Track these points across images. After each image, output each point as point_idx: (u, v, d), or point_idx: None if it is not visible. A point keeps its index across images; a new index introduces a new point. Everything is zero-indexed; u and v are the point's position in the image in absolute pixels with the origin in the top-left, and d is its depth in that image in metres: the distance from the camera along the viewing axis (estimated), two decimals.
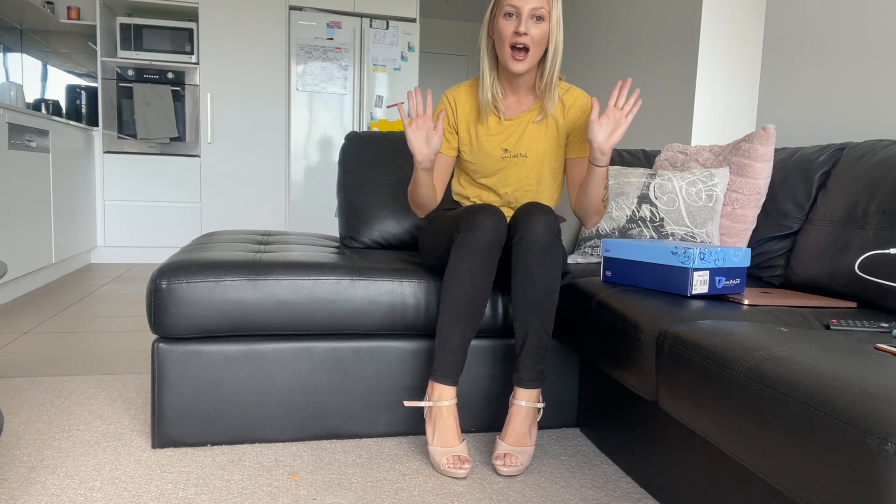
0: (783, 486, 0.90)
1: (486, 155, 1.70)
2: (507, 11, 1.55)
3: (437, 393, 1.52)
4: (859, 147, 1.70)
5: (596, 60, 4.44)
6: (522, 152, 1.69)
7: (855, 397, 0.82)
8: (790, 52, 2.31)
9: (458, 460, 1.48)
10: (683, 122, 3.47)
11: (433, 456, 1.51)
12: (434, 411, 1.52)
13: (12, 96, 4.30)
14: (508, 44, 1.56)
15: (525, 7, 1.53)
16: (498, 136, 1.69)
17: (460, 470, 1.46)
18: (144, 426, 1.70)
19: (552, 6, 1.56)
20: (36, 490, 1.35)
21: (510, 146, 1.69)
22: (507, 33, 1.55)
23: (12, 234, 3.14)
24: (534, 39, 1.55)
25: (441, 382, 1.51)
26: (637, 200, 1.91)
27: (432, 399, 1.53)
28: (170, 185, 4.62)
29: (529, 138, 1.68)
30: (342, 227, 2.13)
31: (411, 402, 1.54)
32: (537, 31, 1.55)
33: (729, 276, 1.49)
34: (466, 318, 1.50)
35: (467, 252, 1.48)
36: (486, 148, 1.69)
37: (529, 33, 1.54)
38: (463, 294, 1.48)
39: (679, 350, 1.18)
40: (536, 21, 1.54)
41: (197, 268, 1.53)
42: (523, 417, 1.54)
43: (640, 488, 1.47)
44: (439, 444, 1.51)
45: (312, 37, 4.76)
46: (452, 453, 1.49)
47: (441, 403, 1.51)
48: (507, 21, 1.56)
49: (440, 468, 1.49)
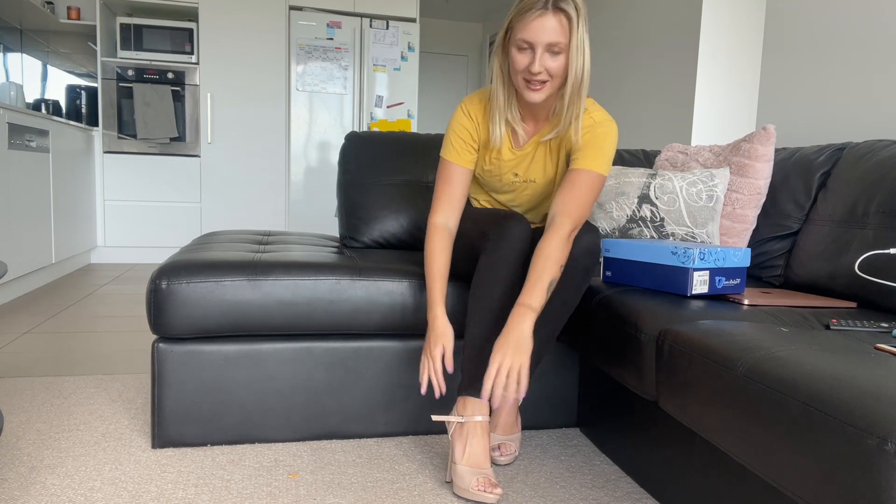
0: (783, 486, 0.90)
1: (497, 178, 1.65)
2: (520, 46, 1.41)
3: (471, 408, 1.41)
4: (859, 147, 1.70)
5: (596, 60, 4.44)
6: (532, 178, 1.63)
7: (855, 397, 0.82)
8: (790, 52, 2.31)
9: (488, 483, 1.36)
10: (683, 122, 3.47)
11: (461, 476, 1.39)
12: (466, 428, 1.41)
13: (12, 96, 4.30)
14: (522, 77, 1.44)
15: (539, 43, 1.38)
16: (509, 163, 1.62)
17: (491, 494, 1.34)
18: (144, 426, 1.70)
19: (572, 34, 1.39)
20: (36, 490, 1.35)
21: (521, 172, 1.63)
22: (521, 67, 1.42)
23: (12, 234, 3.14)
24: (551, 73, 1.41)
25: (476, 396, 1.41)
26: (637, 200, 1.91)
27: (465, 414, 1.42)
28: (170, 185, 4.62)
29: (538, 163, 1.61)
30: (342, 227, 2.13)
31: (440, 416, 1.44)
32: (554, 64, 1.40)
33: (729, 276, 1.49)
34: (502, 324, 1.40)
35: (500, 260, 1.41)
36: (497, 171, 1.63)
37: (546, 68, 1.40)
38: (496, 302, 1.41)
39: (679, 350, 1.18)
40: (553, 55, 1.40)
41: (197, 268, 1.53)
42: (510, 408, 1.56)
43: (640, 488, 1.47)
44: (469, 463, 1.39)
45: (312, 37, 4.76)
46: (483, 475, 1.37)
47: (474, 419, 1.41)
48: (521, 53, 1.42)
49: (469, 489, 1.36)
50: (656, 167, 2.15)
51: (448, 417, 1.44)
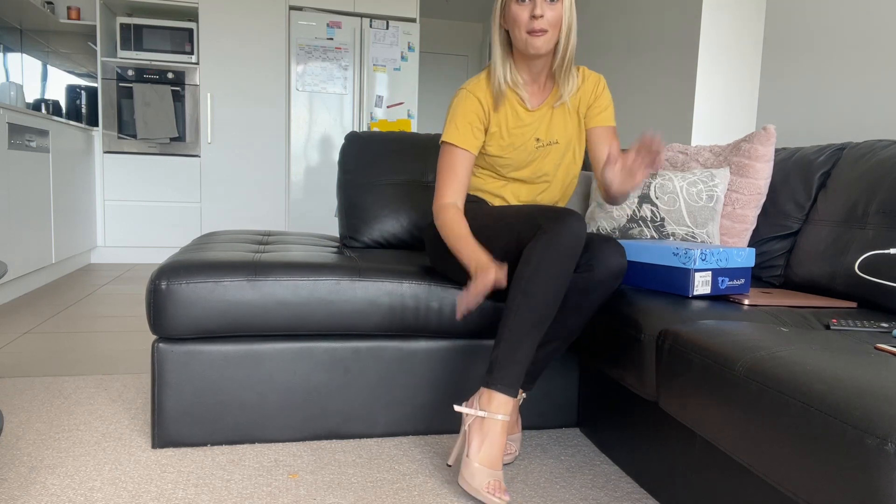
0: (783, 486, 0.90)
1: (520, 148, 1.63)
2: None
3: (496, 404, 1.34)
4: (859, 147, 1.70)
5: (596, 61, 4.44)
6: (554, 139, 1.65)
7: (855, 397, 0.82)
8: (790, 52, 2.31)
9: (499, 487, 1.32)
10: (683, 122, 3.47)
11: (473, 474, 1.33)
12: (487, 424, 1.35)
13: (12, 96, 4.30)
14: (525, 30, 1.51)
15: None
16: (529, 127, 1.63)
17: (501, 500, 1.30)
18: (144, 426, 1.70)
19: None
20: (36, 490, 1.35)
21: (542, 135, 1.64)
22: (523, 19, 1.50)
23: (12, 234, 3.14)
24: (550, 21, 1.50)
25: (503, 392, 1.34)
26: (638, 200, 1.91)
27: (488, 410, 1.35)
28: (170, 185, 4.62)
29: (558, 124, 1.65)
30: (342, 227, 2.13)
31: (462, 407, 1.39)
32: (552, 12, 1.50)
33: (732, 277, 1.49)
34: (543, 324, 1.35)
35: (556, 250, 1.32)
36: (519, 141, 1.63)
37: (545, 15, 1.50)
38: (544, 298, 1.33)
39: (679, 350, 1.18)
40: (551, 2, 1.50)
41: (197, 268, 1.53)
42: (512, 410, 1.56)
43: (640, 488, 1.47)
44: (485, 462, 1.34)
45: (312, 37, 4.76)
46: (495, 477, 1.33)
47: (496, 416, 1.34)
48: (520, 6, 1.51)
49: (479, 489, 1.31)
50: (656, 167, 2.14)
51: (470, 410, 1.37)
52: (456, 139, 1.59)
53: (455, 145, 1.59)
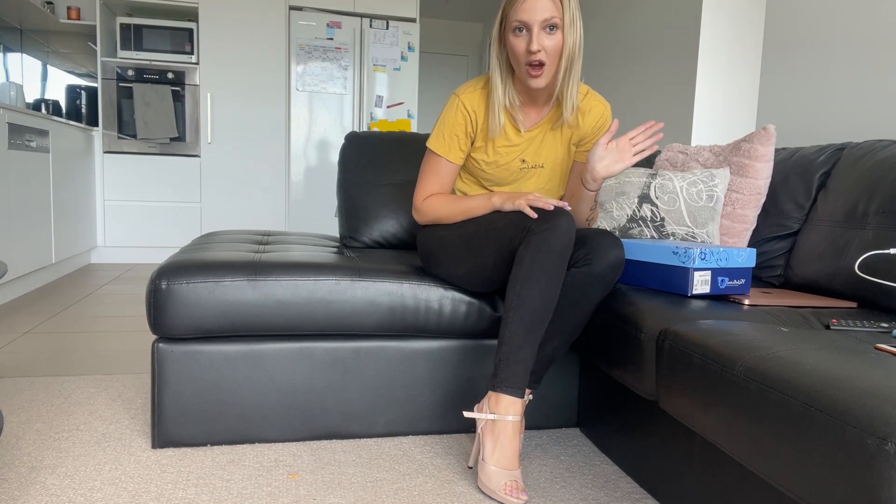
0: (783, 485, 0.90)
1: (503, 167, 1.62)
2: (515, 27, 1.43)
3: (505, 406, 1.37)
4: (859, 147, 1.70)
5: (596, 61, 4.44)
6: (540, 163, 1.62)
7: (855, 397, 0.82)
8: (790, 53, 2.31)
9: (517, 488, 1.34)
10: (683, 122, 3.47)
11: (489, 476, 1.36)
12: (499, 426, 1.37)
13: (12, 96, 4.30)
14: (524, 62, 1.45)
15: (535, 21, 1.41)
16: (517, 148, 1.60)
17: (518, 500, 1.32)
18: (144, 426, 1.70)
19: (564, 8, 1.42)
20: (36, 490, 1.35)
21: (529, 157, 1.61)
22: (521, 51, 1.44)
23: (12, 234, 3.14)
24: (549, 53, 1.43)
25: (510, 394, 1.37)
26: (638, 200, 1.91)
27: (498, 412, 1.37)
28: (170, 185, 4.62)
29: (548, 148, 1.61)
30: (342, 227, 2.13)
31: (472, 412, 1.41)
32: (552, 42, 1.42)
33: (733, 277, 1.49)
34: (541, 324, 1.37)
35: (546, 254, 1.34)
36: (504, 160, 1.61)
37: (544, 47, 1.42)
38: (540, 297, 1.35)
39: (679, 349, 1.18)
40: (549, 32, 1.42)
41: (197, 268, 1.53)
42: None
43: (640, 488, 1.47)
44: (500, 464, 1.36)
45: (312, 37, 4.76)
46: (512, 478, 1.35)
47: (506, 418, 1.37)
48: (517, 37, 1.44)
49: (497, 491, 1.34)
50: (656, 167, 2.15)
51: (480, 415, 1.39)
52: (440, 150, 1.61)
53: (439, 155, 1.62)
